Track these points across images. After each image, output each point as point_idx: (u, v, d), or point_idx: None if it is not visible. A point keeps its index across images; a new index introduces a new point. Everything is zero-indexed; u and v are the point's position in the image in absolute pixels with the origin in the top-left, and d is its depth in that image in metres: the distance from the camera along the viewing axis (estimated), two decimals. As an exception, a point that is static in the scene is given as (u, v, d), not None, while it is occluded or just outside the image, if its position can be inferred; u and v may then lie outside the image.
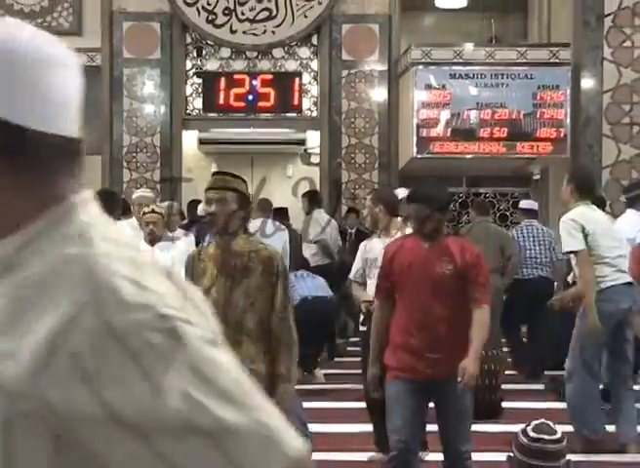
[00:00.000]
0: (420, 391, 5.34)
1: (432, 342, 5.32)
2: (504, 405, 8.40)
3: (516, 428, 4.34)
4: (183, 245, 8.30)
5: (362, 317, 7.56)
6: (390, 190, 8.77)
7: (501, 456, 4.46)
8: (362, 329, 7.62)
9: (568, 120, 14.47)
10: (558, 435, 4.11)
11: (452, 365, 5.22)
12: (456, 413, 5.38)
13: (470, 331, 5.35)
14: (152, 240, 8.05)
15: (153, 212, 8.22)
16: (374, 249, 7.38)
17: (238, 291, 4.76)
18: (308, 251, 11.84)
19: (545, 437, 4.05)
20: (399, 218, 7.47)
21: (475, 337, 5.30)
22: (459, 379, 5.15)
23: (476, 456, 6.83)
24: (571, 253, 7.49)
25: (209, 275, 4.81)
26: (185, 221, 11.63)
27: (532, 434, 4.08)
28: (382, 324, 5.55)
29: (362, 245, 7.84)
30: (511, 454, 4.19)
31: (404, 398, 5.34)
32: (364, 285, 7.56)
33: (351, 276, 7.84)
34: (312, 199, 12.47)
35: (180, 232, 9.54)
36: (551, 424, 4.19)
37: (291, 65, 15.43)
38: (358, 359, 8.15)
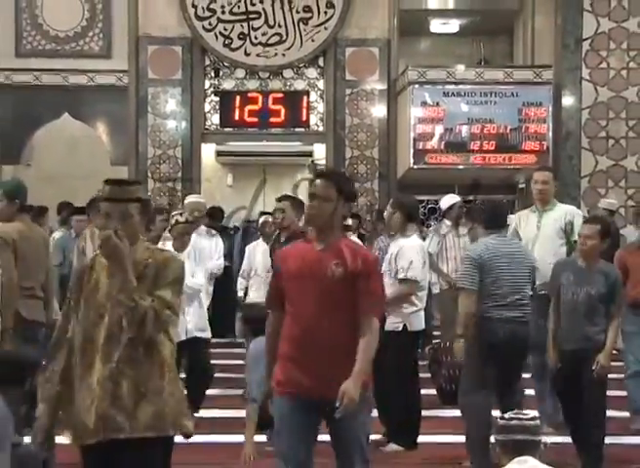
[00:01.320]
0: (310, 409, 4.34)
1: (320, 356, 4.32)
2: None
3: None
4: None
5: None
6: (410, 197, 8.17)
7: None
8: None
9: (550, 134, 14.39)
10: (532, 414, 4.05)
11: (339, 383, 4.19)
12: (344, 440, 4.40)
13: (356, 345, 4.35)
14: (183, 248, 7.70)
15: (187, 221, 7.87)
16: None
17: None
18: None
19: (521, 416, 3.98)
20: (414, 223, 7.26)
21: (360, 355, 4.26)
22: (336, 404, 4.12)
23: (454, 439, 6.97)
24: None
25: (102, 287, 3.99)
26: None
27: (508, 415, 3.99)
28: (275, 336, 4.51)
29: (374, 246, 7.73)
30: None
31: (291, 416, 4.36)
32: None
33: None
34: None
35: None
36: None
37: (299, 85, 15.37)
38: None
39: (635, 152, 14.84)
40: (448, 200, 10.15)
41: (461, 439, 6.50)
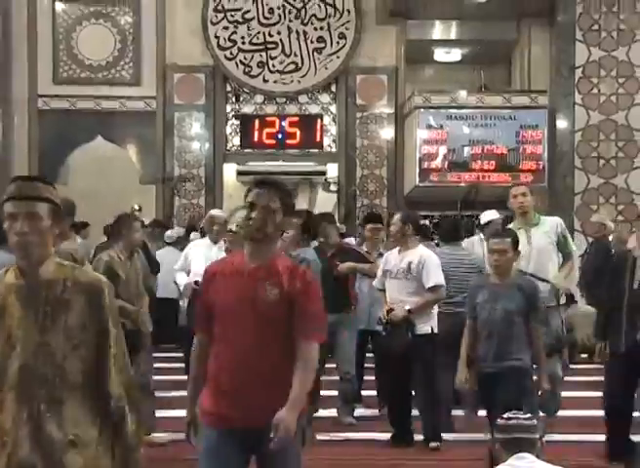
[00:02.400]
0: (238, 442, 3.68)
1: (252, 383, 3.64)
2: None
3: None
4: None
5: (382, 324, 7.10)
6: (415, 213, 8.29)
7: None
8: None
9: (545, 154, 14.37)
10: (529, 415, 4.06)
11: (273, 412, 3.56)
12: None
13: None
14: None
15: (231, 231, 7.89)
16: (390, 261, 7.20)
17: (54, 331, 2.99)
18: None
19: (519, 416, 3.98)
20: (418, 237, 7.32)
21: (297, 382, 3.63)
22: (271, 435, 3.51)
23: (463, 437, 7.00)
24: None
25: (11, 312, 3.03)
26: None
27: (507, 415, 3.99)
28: (201, 361, 3.79)
29: (384, 257, 7.47)
30: (489, 436, 4.07)
31: (216, 449, 3.71)
32: (384, 291, 7.26)
33: (374, 284, 7.48)
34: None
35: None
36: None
37: (314, 109, 15.41)
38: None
39: (624, 171, 14.77)
40: (488, 215, 9.80)
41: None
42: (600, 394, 6.96)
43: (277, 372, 3.67)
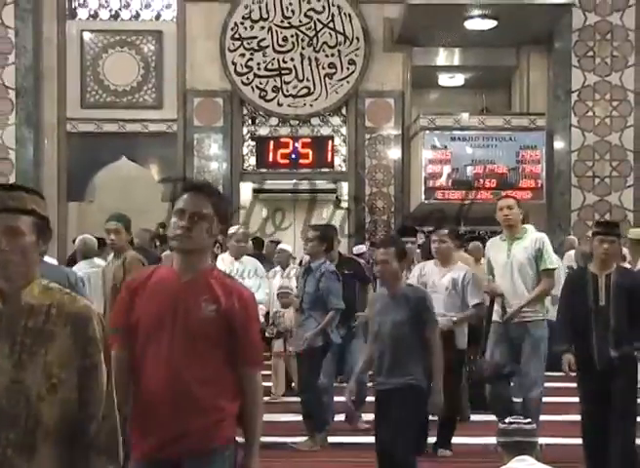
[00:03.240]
0: None
1: (182, 409, 3.06)
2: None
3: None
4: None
5: None
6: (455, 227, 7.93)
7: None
8: None
9: (544, 173, 14.33)
10: (528, 420, 4.08)
11: (205, 439, 3.09)
12: None
13: (232, 396, 3.15)
14: None
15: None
16: (428, 273, 6.96)
17: (31, 367, 2.34)
18: None
19: (520, 420, 4.00)
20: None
21: (250, 420, 3.15)
22: None
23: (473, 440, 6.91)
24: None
25: None
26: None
27: (508, 420, 4.01)
28: (121, 383, 2.90)
29: (417, 268, 7.18)
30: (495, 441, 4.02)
31: None
32: None
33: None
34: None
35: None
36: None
37: (325, 131, 15.39)
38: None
39: (618, 189, 14.84)
40: (636, 234, 9.31)
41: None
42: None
43: (210, 398, 3.11)
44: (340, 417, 7.85)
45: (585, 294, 5.93)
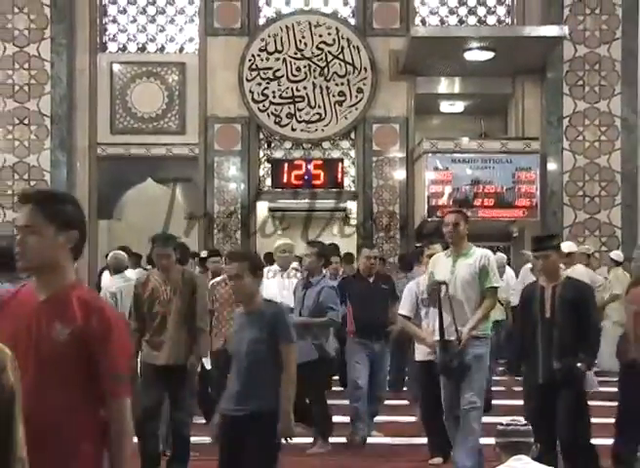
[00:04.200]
0: None
1: (36, 444, 2.40)
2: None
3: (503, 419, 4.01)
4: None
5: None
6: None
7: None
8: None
9: (538, 193, 14.34)
10: (524, 421, 4.02)
11: None
12: None
13: (94, 435, 2.64)
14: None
15: None
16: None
17: None
18: None
19: (517, 422, 3.96)
20: None
21: (117, 451, 2.65)
22: None
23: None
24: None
25: None
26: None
27: (505, 421, 3.95)
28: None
29: (414, 283, 6.81)
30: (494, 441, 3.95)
31: None
32: (408, 319, 6.65)
33: (401, 311, 6.69)
34: None
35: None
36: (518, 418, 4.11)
37: (335, 154, 15.42)
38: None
39: (607, 207, 14.84)
40: (567, 246, 9.08)
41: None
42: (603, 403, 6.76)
43: (70, 432, 2.61)
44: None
45: (532, 307, 5.74)
